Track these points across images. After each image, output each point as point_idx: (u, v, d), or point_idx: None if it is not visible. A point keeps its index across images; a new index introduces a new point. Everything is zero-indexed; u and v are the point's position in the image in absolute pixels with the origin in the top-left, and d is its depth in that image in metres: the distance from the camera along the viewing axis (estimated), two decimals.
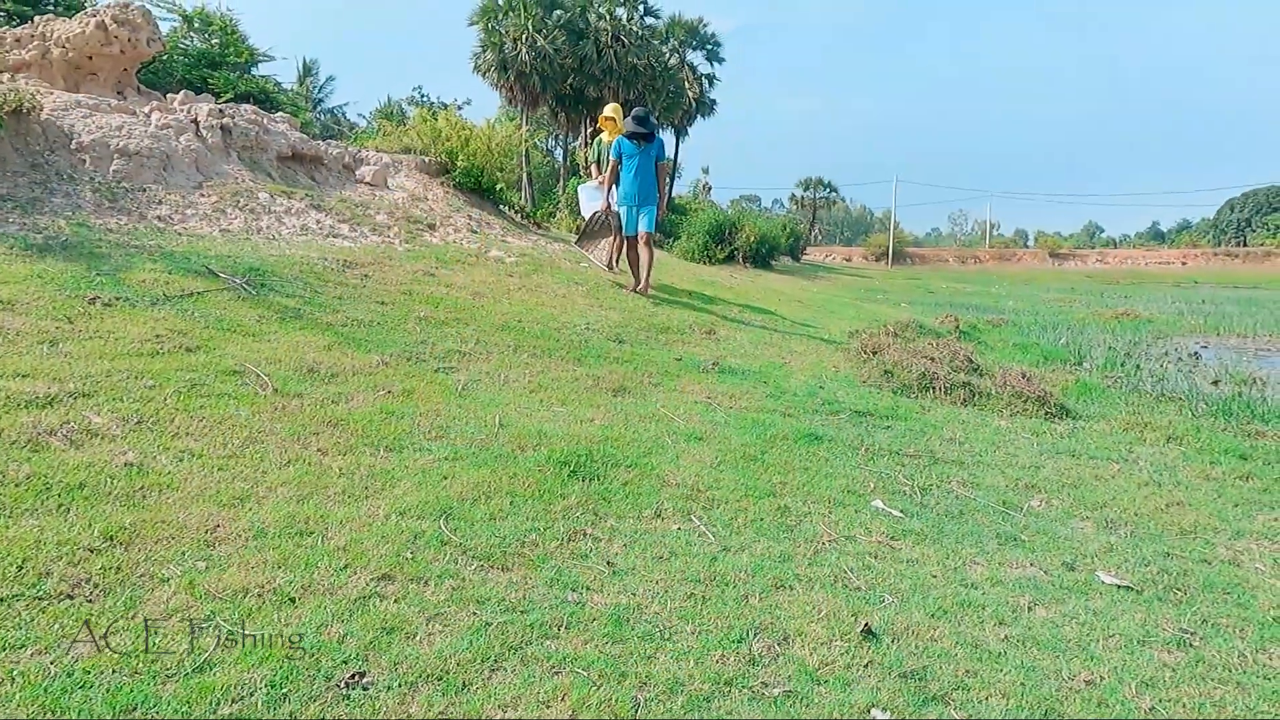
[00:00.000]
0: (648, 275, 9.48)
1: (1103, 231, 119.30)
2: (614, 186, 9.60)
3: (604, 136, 10.88)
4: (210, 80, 13.60)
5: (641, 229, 9.39)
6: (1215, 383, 8.67)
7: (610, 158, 9.56)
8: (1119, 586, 3.18)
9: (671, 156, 48.48)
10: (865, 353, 8.15)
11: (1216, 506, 4.29)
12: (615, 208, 9.65)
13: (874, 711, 2.20)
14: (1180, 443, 5.72)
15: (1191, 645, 2.73)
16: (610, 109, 10.96)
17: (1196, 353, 11.36)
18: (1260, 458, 5.36)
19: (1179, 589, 3.19)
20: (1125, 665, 2.55)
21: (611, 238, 10.17)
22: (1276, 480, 4.85)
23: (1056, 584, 3.18)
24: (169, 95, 10.57)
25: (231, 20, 15.37)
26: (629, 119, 9.51)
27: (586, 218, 10.45)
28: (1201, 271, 46.75)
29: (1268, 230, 71.31)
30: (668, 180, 10.22)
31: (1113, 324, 15.17)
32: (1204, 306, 20.14)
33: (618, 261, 10.29)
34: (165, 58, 13.34)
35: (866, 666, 2.43)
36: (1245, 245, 66.76)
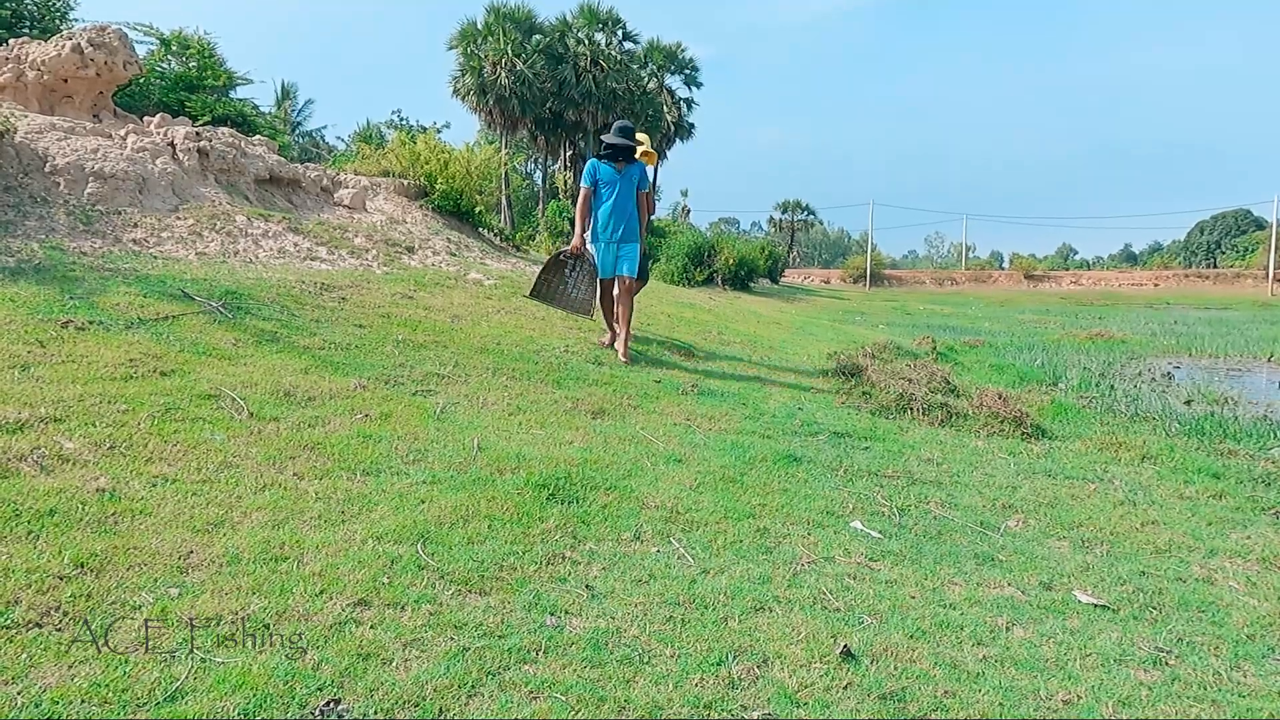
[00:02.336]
0: (626, 332, 7.46)
1: (1076, 253, 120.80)
2: (587, 219, 7.55)
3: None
4: (187, 103, 13.56)
5: (621, 272, 7.53)
6: (1188, 402, 8.78)
7: (581, 185, 7.54)
8: (1096, 606, 3.20)
9: (651, 180, 48.84)
10: (843, 374, 8.19)
11: (1191, 525, 4.34)
12: (589, 245, 7.63)
13: None
14: (1154, 462, 5.77)
15: (1167, 664, 2.75)
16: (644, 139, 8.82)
17: (1170, 373, 11.50)
18: (1233, 476, 5.42)
19: (1154, 607, 3.22)
20: (1102, 684, 2.56)
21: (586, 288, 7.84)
22: (1249, 499, 4.91)
23: (1034, 604, 3.19)
24: (145, 118, 10.53)
25: (209, 44, 15.35)
26: (612, 130, 7.62)
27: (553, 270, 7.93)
28: (1173, 293, 47.41)
29: (1237, 252, 72.50)
30: (649, 214, 8.11)
31: (1087, 345, 15.34)
32: (1176, 327, 20.42)
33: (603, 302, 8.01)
34: (142, 81, 13.30)
35: (846, 688, 2.42)
36: (1215, 267, 67.79)
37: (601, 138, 7.77)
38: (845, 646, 2.64)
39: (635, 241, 7.53)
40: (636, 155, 7.66)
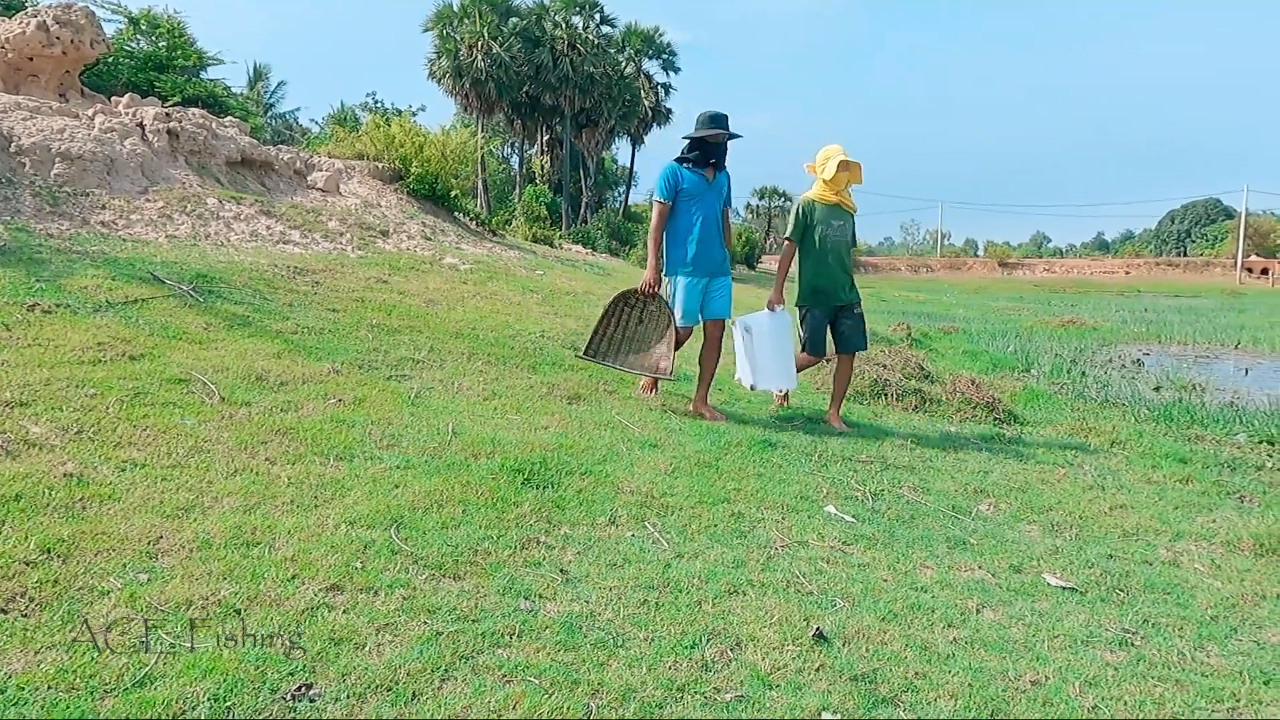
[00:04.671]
0: (706, 387, 5.70)
1: (1050, 241, 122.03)
2: (661, 245, 5.62)
3: (810, 195, 5.96)
4: (157, 83, 13.35)
5: (716, 315, 5.66)
6: (1157, 389, 8.91)
7: (656, 198, 5.61)
8: (1064, 588, 3.24)
9: (627, 166, 48.62)
10: (719, 347, 8.19)
11: (1158, 509, 4.40)
12: (666, 280, 5.66)
13: (825, 715, 2.21)
14: (1123, 447, 5.85)
15: (1133, 644, 2.79)
16: (827, 152, 5.93)
17: (1139, 360, 11.65)
18: (1199, 461, 5.51)
19: (1121, 590, 3.26)
20: (1070, 665, 2.60)
21: (665, 339, 5.65)
22: (1215, 483, 4.99)
23: (1004, 586, 3.23)
24: (114, 98, 10.36)
25: (179, 23, 15.11)
26: (700, 121, 5.56)
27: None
28: (1144, 281, 47.99)
29: (1206, 241, 73.46)
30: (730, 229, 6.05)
31: (1059, 332, 15.50)
32: (1147, 315, 20.68)
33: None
34: (110, 60, 13.07)
35: (818, 670, 2.44)
36: (1185, 255, 68.68)
37: (685, 136, 5.59)
38: (818, 629, 2.66)
39: (728, 275, 5.75)
40: (835, 170, 5.74)
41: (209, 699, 2.02)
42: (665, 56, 42.97)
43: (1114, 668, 2.61)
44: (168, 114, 9.70)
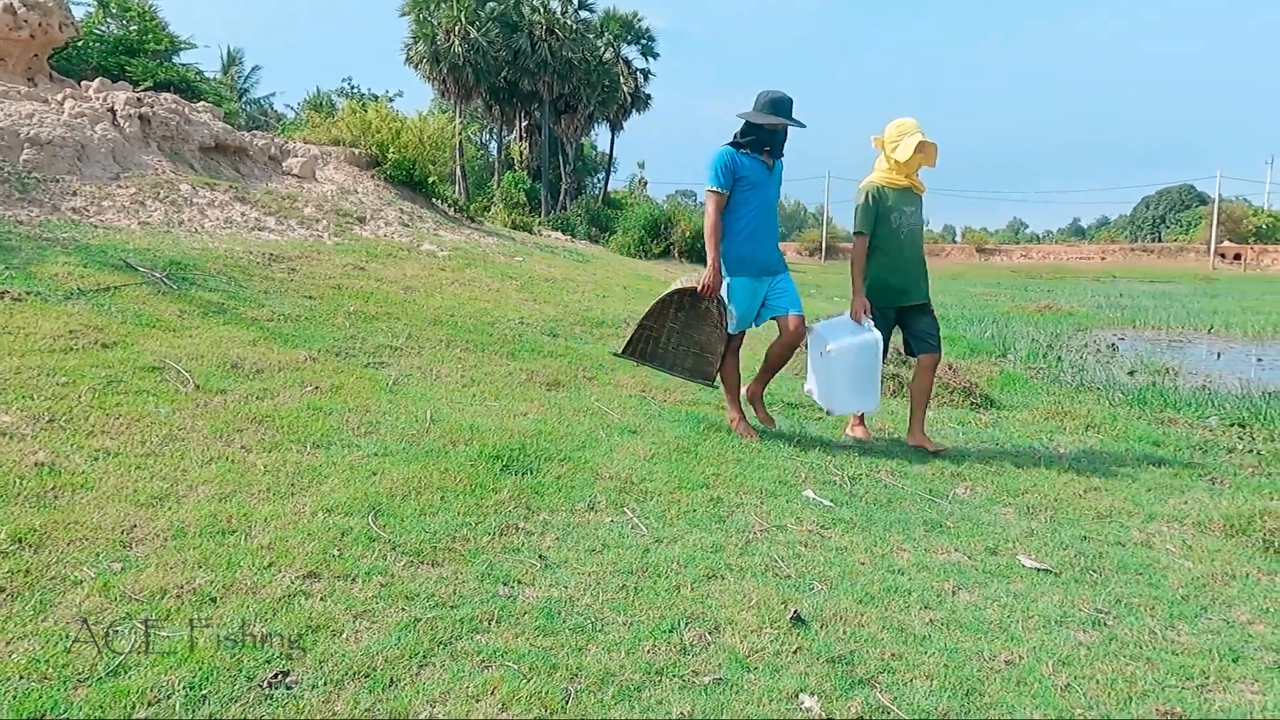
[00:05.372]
0: (766, 380, 5.22)
1: (1027, 227, 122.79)
2: (718, 239, 4.82)
3: (876, 179, 5.13)
4: (128, 68, 13.16)
5: (790, 310, 4.95)
6: (1131, 373, 9.00)
7: (710, 186, 4.80)
8: (1038, 570, 3.27)
9: (607, 152, 48.44)
10: (799, 346, 8.24)
11: (1131, 491, 4.45)
12: (726, 280, 4.90)
13: (802, 696, 2.23)
14: (1098, 430, 5.91)
15: (1106, 624, 2.83)
16: (900, 127, 5.07)
17: (1114, 344, 11.77)
18: (1172, 444, 5.57)
19: (1095, 571, 3.30)
20: (1043, 645, 2.63)
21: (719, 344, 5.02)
22: (1187, 465, 5.05)
23: (980, 568, 3.26)
24: (84, 82, 10.20)
25: (150, 6, 14.88)
26: (761, 104, 4.82)
27: (720, 329, 4.99)
28: (1119, 266, 48.43)
29: (1180, 227, 74.22)
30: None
31: (1036, 317, 15.63)
32: (1121, 300, 20.88)
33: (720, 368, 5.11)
34: (79, 44, 12.86)
35: (795, 653, 2.46)
36: (1160, 241, 69.35)
37: (741, 115, 4.86)
38: (795, 612, 2.67)
39: (787, 270, 5.10)
40: (910, 150, 4.94)
41: (184, 687, 2.01)
42: (644, 42, 42.84)
43: (1087, 647, 2.64)
44: (139, 99, 9.57)
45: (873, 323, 4.98)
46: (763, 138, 4.84)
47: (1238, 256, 49.68)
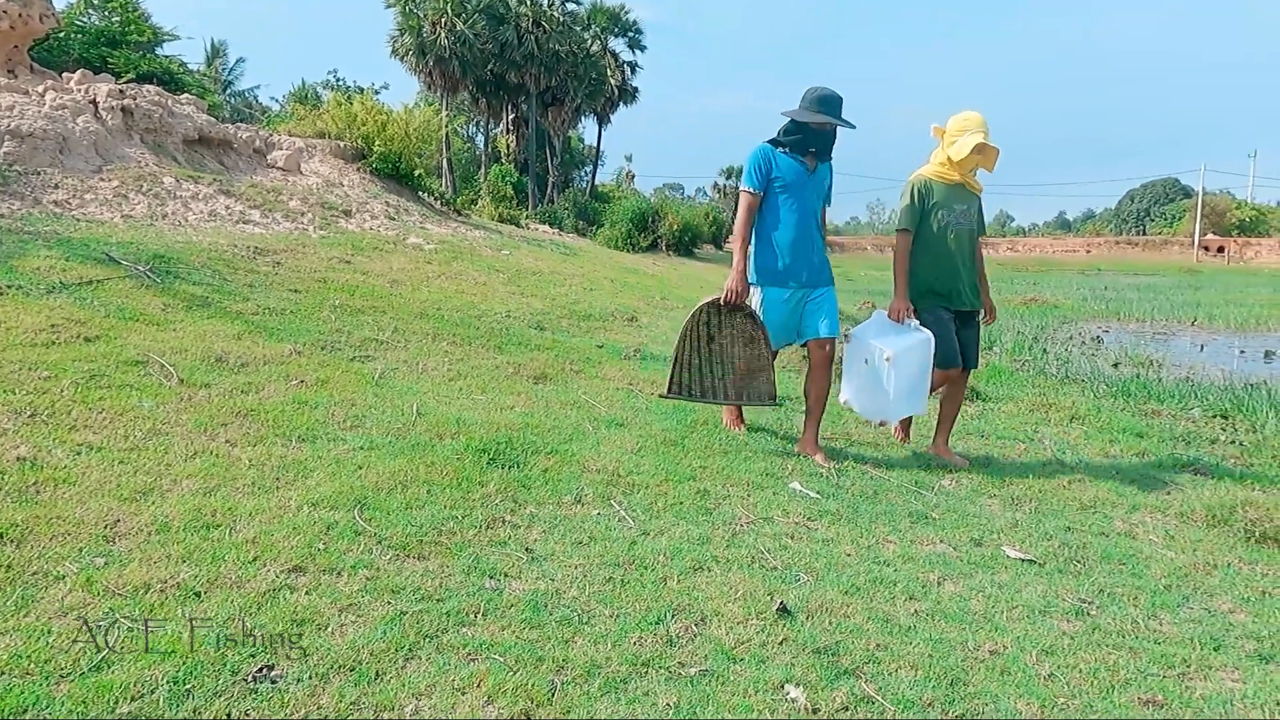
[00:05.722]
0: (817, 423, 4.62)
1: (1013, 220, 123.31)
2: (749, 245, 4.58)
3: (926, 172, 4.74)
4: (110, 59, 13.03)
5: (818, 333, 4.57)
6: (1115, 365, 9.06)
7: (743, 186, 4.56)
8: (1023, 560, 3.29)
9: (594, 145, 48.31)
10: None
11: (1115, 482, 4.48)
12: (754, 290, 4.62)
13: (787, 687, 2.23)
14: (1082, 422, 5.95)
15: (1089, 614, 2.85)
16: (963, 122, 4.62)
17: (1099, 337, 11.85)
18: (1155, 435, 5.62)
19: (1078, 561, 3.33)
20: (1027, 635, 2.65)
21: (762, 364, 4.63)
22: (1170, 456, 5.09)
23: (964, 559, 3.28)
24: (65, 74, 10.10)
25: None
26: (806, 100, 4.47)
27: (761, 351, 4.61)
28: (1104, 259, 48.71)
29: (1165, 220, 74.60)
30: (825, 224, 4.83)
31: (1021, 310, 15.71)
32: (1106, 293, 21.01)
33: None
34: (60, 35, 12.73)
35: (781, 644, 2.47)
36: (1144, 234, 69.70)
37: (786, 113, 4.51)
38: (782, 603, 2.68)
39: (830, 284, 4.66)
40: (966, 151, 4.49)
41: (168, 682, 2.00)
42: (631, 35, 42.73)
43: (1070, 636, 2.66)
44: (121, 91, 9.48)
45: (918, 322, 4.57)
46: (808, 138, 4.47)
47: (1221, 249, 50.00)
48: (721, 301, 4.50)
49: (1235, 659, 2.58)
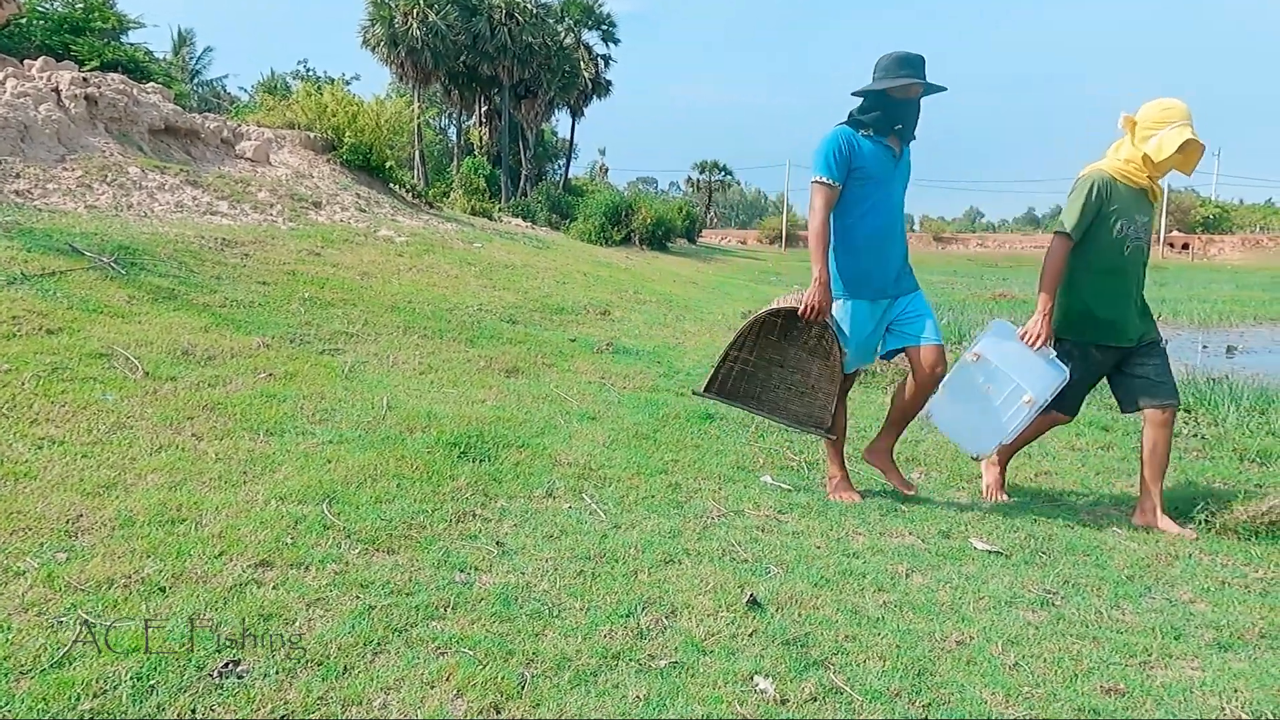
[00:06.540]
0: (896, 435, 4.07)
1: (983, 216, 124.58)
2: (825, 247, 3.75)
3: (1109, 168, 3.86)
4: (73, 47, 12.79)
5: (925, 340, 3.81)
6: None
7: (818, 176, 3.72)
8: (990, 552, 3.33)
9: (567, 138, 48.15)
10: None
11: (1080, 475, 4.55)
12: (838, 301, 3.84)
13: (757, 678, 2.25)
14: None
15: (1054, 604, 2.89)
16: (1166, 112, 3.71)
17: None
18: (1120, 429, 5.69)
19: (1044, 553, 3.37)
20: (993, 625, 2.68)
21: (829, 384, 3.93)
22: (1134, 450, 5.16)
23: (933, 551, 3.31)
24: (26, 61, 9.89)
25: None
26: (884, 65, 3.72)
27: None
28: None
29: None
30: None
31: (991, 305, 15.87)
32: None
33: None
34: (22, 21, 12.47)
35: (751, 635, 2.48)
36: None
37: (857, 92, 3.77)
38: (752, 596, 2.69)
39: (918, 286, 3.99)
40: (1171, 149, 3.67)
41: (131, 678, 1.98)
42: (605, 27, 42.59)
43: (1035, 627, 2.69)
44: (85, 79, 9.31)
45: (1055, 354, 3.79)
46: (890, 112, 3.71)
47: (1185, 246, 50.78)
48: (801, 314, 3.78)
49: (1195, 648, 2.62)
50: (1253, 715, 2.25)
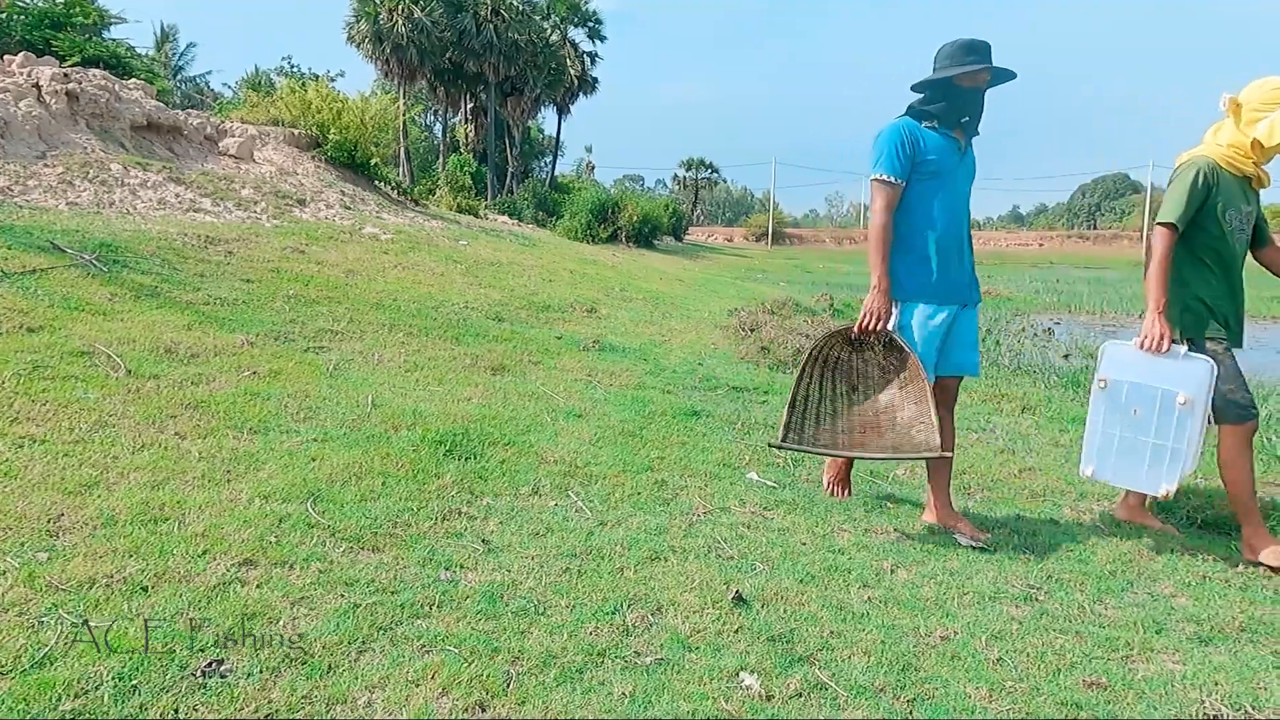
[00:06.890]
0: (948, 482, 3.66)
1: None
2: (886, 250, 3.46)
3: (1214, 154, 3.52)
4: (54, 42, 12.65)
5: (956, 369, 3.68)
6: (1066, 356, 9.24)
7: (878, 174, 3.43)
8: (974, 548, 3.35)
9: (554, 135, 48.07)
10: (743, 330, 8.32)
11: (1064, 470, 4.58)
12: (899, 307, 3.50)
13: (742, 674, 2.25)
14: (1033, 412, 6.06)
15: (1037, 599, 2.91)
16: (1270, 89, 3.35)
17: (1050, 329, 12.07)
18: None
19: (1028, 548, 3.39)
20: (977, 620, 2.70)
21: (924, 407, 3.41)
22: None
23: (918, 547, 3.32)
24: (6, 57, 9.79)
25: None
26: (949, 51, 3.46)
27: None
28: (1056, 253, 49.58)
29: (1115, 214, 76.21)
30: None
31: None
32: (1058, 286, 21.40)
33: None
34: (2, 16, 12.35)
35: (736, 632, 2.48)
36: (1095, 228, 71.13)
37: (916, 86, 3.52)
38: (737, 592, 2.70)
39: (979, 301, 3.77)
40: (1230, 135, 3.50)
41: (113, 678, 1.96)
42: (591, 25, 42.55)
43: (1018, 621, 2.71)
44: (66, 75, 9.23)
45: (1186, 349, 3.41)
46: (956, 102, 3.43)
47: None
48: (855, 330, 3.47)
49: (1176, 641, 2.65)
50: (1233, 708, 2.28)
